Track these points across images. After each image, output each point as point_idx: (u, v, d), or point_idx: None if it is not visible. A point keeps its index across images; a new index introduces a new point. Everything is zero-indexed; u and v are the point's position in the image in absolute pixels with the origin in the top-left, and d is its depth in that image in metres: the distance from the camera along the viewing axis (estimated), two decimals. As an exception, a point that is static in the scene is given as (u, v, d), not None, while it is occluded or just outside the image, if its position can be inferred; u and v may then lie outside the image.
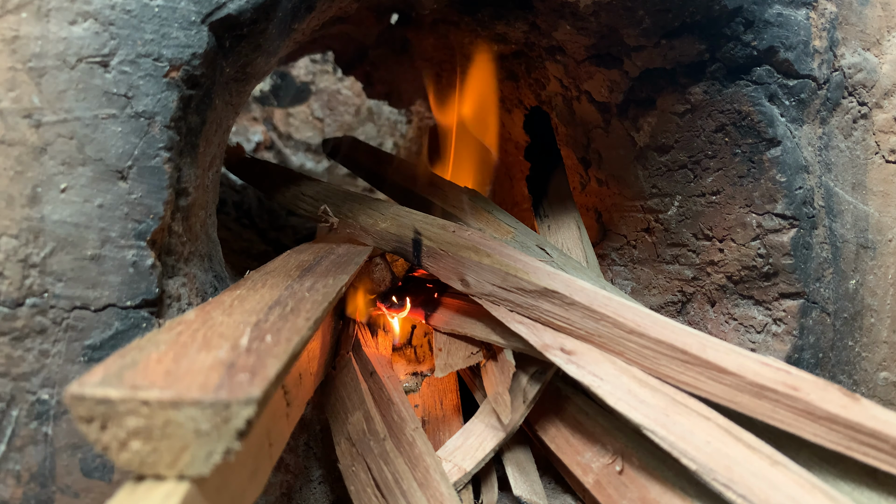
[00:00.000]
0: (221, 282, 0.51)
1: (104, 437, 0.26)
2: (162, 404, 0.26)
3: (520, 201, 1.00)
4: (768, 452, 0.38)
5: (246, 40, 0.46)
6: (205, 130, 0.46)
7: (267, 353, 0.31)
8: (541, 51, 0.76)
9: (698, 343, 0.42)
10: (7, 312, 0.39)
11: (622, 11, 0.61)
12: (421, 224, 0.58)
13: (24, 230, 0.39)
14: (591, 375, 0.45)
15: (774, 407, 0.39)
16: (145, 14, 0.40)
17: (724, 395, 0.41)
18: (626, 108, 0.70)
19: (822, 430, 0.38)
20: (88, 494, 0.40)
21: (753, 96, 0.60)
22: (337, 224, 0.63)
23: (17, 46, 0.39)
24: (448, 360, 0.59)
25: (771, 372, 0.39)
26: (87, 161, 0.40)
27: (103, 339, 0.40)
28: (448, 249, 0.55)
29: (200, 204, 0.49)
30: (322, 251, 0.59)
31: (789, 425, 0.38)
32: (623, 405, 0.42)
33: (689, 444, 0.39)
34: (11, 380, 0.39)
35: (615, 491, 0.48)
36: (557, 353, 0.47)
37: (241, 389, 0.26)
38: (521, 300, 0.50)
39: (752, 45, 0.58)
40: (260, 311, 0.38)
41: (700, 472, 0.38)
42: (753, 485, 0.37)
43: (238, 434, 0.26)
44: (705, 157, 0.65)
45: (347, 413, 0.54)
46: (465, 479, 0.51)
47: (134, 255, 0.41)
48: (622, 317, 0.45)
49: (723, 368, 0.40)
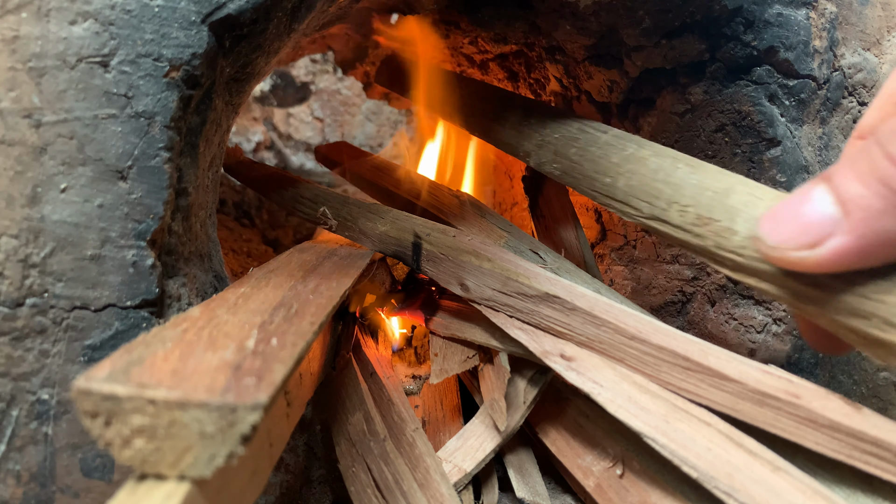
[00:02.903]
0: (221, 282, 0.51)
1: (108, 434, 0.26)
2: (168, 404, 0.26)
3: (520, 200, 1.00)
4: (770, 458, 0.38)
5: (246, 40, 0.46)
6: (205, 130, 0.46)
7: (273, 358, 0.31)
8: (541, 51, 0.76)
9: (700, 350, 0.42)
10: (7, 312, 0.39)
11: (622, 11, 0.61)
12: (421, 228, 0.58)
13: (24, 230, 0.39)
14: (592, 382, 0.44)
15: (776, 415, 0.39)
16: (145, 14, 0.40)
17: (725, 402, 0.40)
18: (627, 108, 0.70)
19: (824, 438, 0.37)
20: (88, 494, 0.40)
21: (753, 96, 0.60)
22: (336, 227, 0.63)
23: (17, 46, 0.39)
24: (444, 364, 0.58)
25: (773, 380, 0.39)
26: (87, 161, 0.40)
27: (103, 339, 0.40)
28: (448, 254, 0.55)
29: (200, 204, 0.49)
30: (324, 252, 0.59)
31: (791, 433, 0.38)
32: (623, 413, 0.42)
33: (690, 452, 0.39)
34: (11, 380, 0.39)
35: (616, 495, 0.48)
36: (557, 360, 0.47)
37: (248, 394, 0.26)
38: (522, 305, 0.50)
39: (752, 45, 0.58)
40: (265, 311, 0.38)
41: (701, 479, 0.38)
42: (755, 492, 0.37)
43: (243, 439, 0.26)
44: (705, 157, 0.65)
45: (347, 413, 0.54)
46: (465, 480, 0.51)
47: (134, 255, 0.41)
48: (623, 323, 0.45)
49: (725, 375, 0.40)
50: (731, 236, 0.40)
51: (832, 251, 0.32)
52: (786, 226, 0.35)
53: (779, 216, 0.35)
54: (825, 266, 0.33)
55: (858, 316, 0.35)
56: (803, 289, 0.37)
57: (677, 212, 0.44)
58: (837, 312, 0.36)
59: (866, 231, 0.31)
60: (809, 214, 0.33)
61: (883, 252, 0.32)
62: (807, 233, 0.33)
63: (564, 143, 0.56)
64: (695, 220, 0.43)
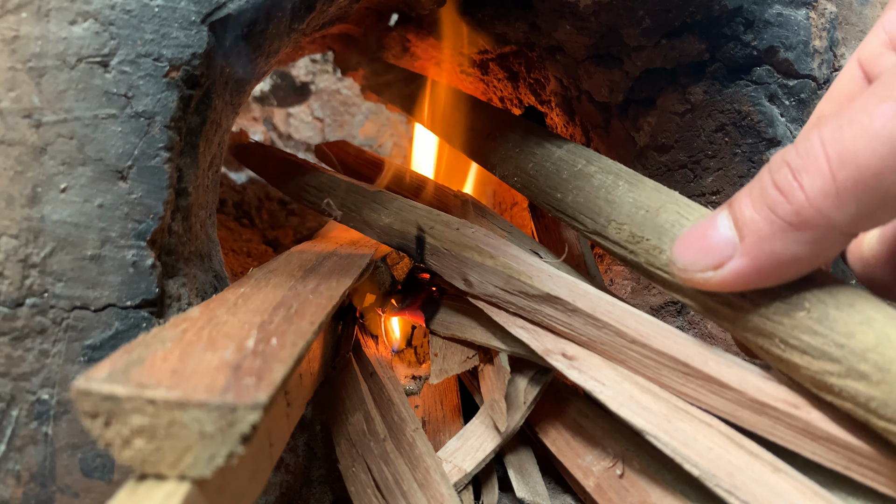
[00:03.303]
0: (221, 282, 0.51)
1: (108, 434, 0.26)
2: (168, 404, 0.26)
3: (520, 200, 1.00)
4: (770, 460, 0.38)
5: (246, 40, 0.46)
6: (205, 130, 0.46)
7: (273, 357, 0.31)
8: (541, 50, 0.76)
9: (700, 355, 0.42)
10: (7, 312, 0.39)
11: (622, 11, 0.61)
12: (425, 220, 0.58)
13: (24, 230, 0.39)
14: (594, 381, 0.45)
15: (774, 424, 0.39)
16: (145, 14, 0.40)
17: (724, 409, 0.41)
18: (627, 107, 0.70)
19: (821, 449, 0.37)
20: (88, 494, 0.40)
21: (753, 96, 0.60)
22: (340, 217, 0.63)
23: (17, 46, 0.39)
24: (444, 365, 0.58)
25: (772, 388, 0.39)
26: (87, 161, 0.40)
27: (103, 340, 0.40)
28: (451, 248, 0.55)
29: (200, 204, 0.49)
30: (324, 252, 0.59)
31: (788, 442, 0.38)
32: (625, 411, 0.42)
33: (692, 451, 0.39)
34: (11, 380, 0.39)
35: (616, 495, 0.48)
36: (559, 358, 0.47)
37: (247, 394, 0.26)
38: (524, 304, 0.50)
39: (752, 45, 0.58)
40: (264, 311, 0.38)
41: (703, 477, 0.38)
42: (756, 491, 0.37)
43: (243, 438, 0.26)
44: (705, 157, 0.65)
45: (347, 413, 0.54)
46: (465, 480, 0.51)
47: (134, 255, 0.41)
48: (625, 325, 0.45)
49: (724, 383, 0.40)
50: (660, 255, 0.43)
51: (731, 272, 0.35)
52: (693, 248, 0.37)
53: (688, 240, 0.38)
54: (727, 286, 0.36)
55: (763, 335, 0.38)
56: (719, 308, 0.40)
57: (615, 229, 0.47)
58: (746, 330, 0.39)
59: (758, 253, 0.34)
60: (712, 237, 0.36)
61: (777, 273, 0.34)
62: (709, 255, 0.36)
63: (524, 157, 0.58)
64: (629, 237, 0.46)
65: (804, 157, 0.32)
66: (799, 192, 0.32)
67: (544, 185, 0.55)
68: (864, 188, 0.30)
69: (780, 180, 0.33)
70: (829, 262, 0.38)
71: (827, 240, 0.32)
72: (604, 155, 0.54)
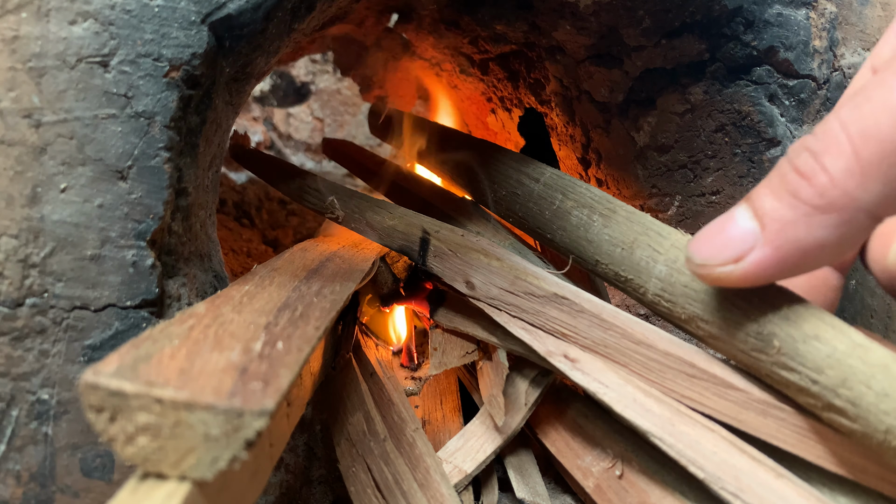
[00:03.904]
0: (221, 282, 0.51)
1: (112, 429, 0.26)
2: (175, 404, 0.26)
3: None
4: (772, 465, 0.38)
5: (246, 40, 0.46)
6: (205, 130, 0.46)
7: (279, 362, 0.31)
8: (541, 51, 0.76)
9: (705, 359, 0.42)
10: (7, 312, 0.39)
11: (622, 11, 0.61)
12: (430, 225, 0.58)
13: (24, 230, 0.39)
14: (597, 382, 0.45)
15: (779, 426, 0.38)
16: (145, 14, 0.40)
17: (728, 411, 0.40)
18: (627, 107, 0.70)
19: (825, 452, 0.37)
20: (88, 494, 0.40)
21: (753, 96, 0.60)
22: (343, 218, 0.63)
23: (17, 46, 0.39)
24: (443, 358, 0.59)
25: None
26: (87, 161, 0.40)
27: (103, 340, 0.40)
28: (456, 250, 0.55)
29: (200, 204, 0.49)
30: (326, 252, 0.59)
31: (793, 446, 0.38)
32: (630, 412, 0.42)
33: (697, 453, 0.39)
34: (11, 380, 0.39)
35: (615, 495, 0.48)
36: (561, 360, 0.47)
37: (255, 399, 0.26)
38: (528, 305, 0.50)
39: (752, 45, 0.58)
40: (269, 312, 0.38)
41: (708, 480, 0.38)
42: (761, 495, 0.37)
43: (247, 444, 0.26)
44: (705, 157, 0.65)
45: (347, 413, 0.54)
46: (465, 481, 0.51)
47: (134, 255, 0.41)
48: (630, 328, 0.45)
49: (730, 383, 0.40)
50: (645, 293, 0.44)
51: (753, 263, 0.34)
52: (711, 243, 0.36)
53: (705, 235, 0.37)
54: (749, 279, 0.34)
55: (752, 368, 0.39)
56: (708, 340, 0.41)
57: (602, 268, 0.49)
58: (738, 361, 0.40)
59: (781, 241, 0.33)
60: (731, 230, 0.35)
61: (801, 262, 0.33)
62: (730, 248, 0.35)
63: (511, 199, 0.59)
64: (614, 276, 0.47)
65: (823, 139, 0.31)
66: (822, 174, 0.31)
67: (534, 226, 0.56)
68: (889, 163, 0.29)
69: (801, 164, 0.32)
70: (854, 249, 0.36)
71: (853, 223, 0.31)
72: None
